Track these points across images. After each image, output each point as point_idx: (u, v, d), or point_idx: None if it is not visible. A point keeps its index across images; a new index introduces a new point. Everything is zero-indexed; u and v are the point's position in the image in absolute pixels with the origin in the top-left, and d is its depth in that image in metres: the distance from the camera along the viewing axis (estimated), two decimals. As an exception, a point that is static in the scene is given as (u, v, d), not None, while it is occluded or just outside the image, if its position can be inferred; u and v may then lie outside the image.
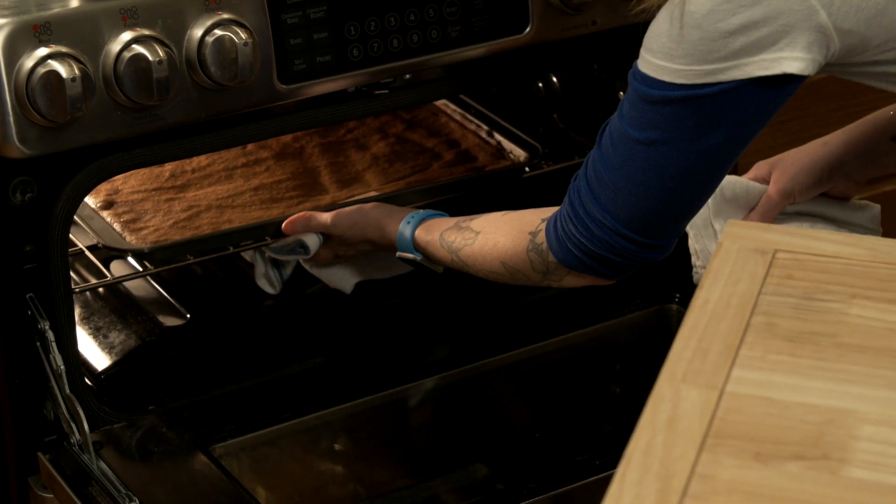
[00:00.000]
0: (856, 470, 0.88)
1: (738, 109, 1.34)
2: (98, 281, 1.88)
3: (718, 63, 1.31)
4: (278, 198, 1.89)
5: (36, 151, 1.50)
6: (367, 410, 1.73)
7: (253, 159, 1.98)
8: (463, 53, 1.71)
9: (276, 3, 1.59)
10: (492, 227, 1.57)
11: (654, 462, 0.88)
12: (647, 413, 0.92)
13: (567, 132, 2.12)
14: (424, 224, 1.65)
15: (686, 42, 1.31)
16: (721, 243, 1.11)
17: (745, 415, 0.92)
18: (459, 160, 1.99)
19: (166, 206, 1.87)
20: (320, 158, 1.99)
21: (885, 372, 0.96)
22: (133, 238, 1.80)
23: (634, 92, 1.38)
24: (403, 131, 2.06)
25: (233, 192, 1.91)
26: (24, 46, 1.47)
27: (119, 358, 1.79)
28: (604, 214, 1.42)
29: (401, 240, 1.66)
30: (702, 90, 1.32)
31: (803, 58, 1.30)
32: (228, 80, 1.55)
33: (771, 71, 1.30)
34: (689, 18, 1.31)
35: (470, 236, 1.58)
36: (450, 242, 1.60)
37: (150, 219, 1.84)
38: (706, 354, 0.98)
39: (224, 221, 1.84)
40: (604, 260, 1.45)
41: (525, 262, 1.52)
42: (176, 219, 1.84)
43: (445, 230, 1.62)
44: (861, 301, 1.04)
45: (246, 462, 1.65)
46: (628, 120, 1.39)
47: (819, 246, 1.10)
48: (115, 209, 1.86)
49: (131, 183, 1.92)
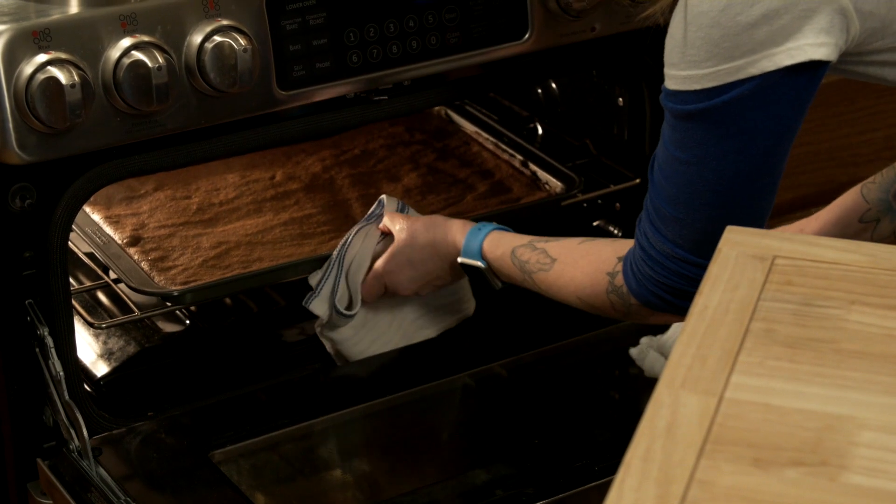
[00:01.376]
0: (854, 476, 0.88)
1: (774, 103, 1.32)
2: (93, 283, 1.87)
3: (745, 57, 1.29)
4: (309, 233, 1.84)
5: (35, 158, 1.50)
6: (365, 417, 1.73)
7: (282, 191, 1.93)
8: (462, 60, 1.71)
9: (276, 10, 1.59)
10: (568, 257, 1.54)
11: (654, 468, 0.88)
12: (646, 419, 0.92)
13: (562, 136, 2.12)
14: (494, 234, 1.62)
15: (708, 43, 1.30)
16: (720, 249, 1.11)
17: (744, 421, 0.92)
18: (494, 191, 1.94)
19: (194, 242, 1.81)
20: (351, 191, 1.94)
21: (884, 378, 0.96)
22: (162, 279, 1.74)
23: (671, 114, 1.36)
24: (435, 161, 2.01)
25: (262, 227, 1.85)
26: (23, 53, 1.47)
27: (118, 364, 1.79)
28: (675, 249, 1.40)
29: (468, 245, 1.63)
30: (735, 91, 1.31)
31: (827, 42, 1.29)
32: (228, 87, 1.55)
33: (798, 59, 1.29)
34: (705, 19, 1.30)
35: (546, 261, 1.55)
36: (523, 261, 1.57)
37: (178, 257, 1.78)
38: (705, 360, 0.98)
39: (254, 259, 1.78)
40: (685, 294, 1.42)
41: (605, 303, 1.50)
42: (205, 256, 1.78)
43: (518, 247, 1.59)
44: (860, 307, 1.04)
45: (245, 468, 1.65)
46: (672, 144, 1.37)
47: (818, 252, 1.10)
48: (143, 246, 1.80)
49: (157, 217, 1.86)
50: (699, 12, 1.30)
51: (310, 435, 1.70)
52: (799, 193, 2.23)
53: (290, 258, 1.77)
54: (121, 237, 1.81)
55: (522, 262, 1.57)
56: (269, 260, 1.77)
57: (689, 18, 1.31)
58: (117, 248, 1.79)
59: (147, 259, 1.77)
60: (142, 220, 1.86)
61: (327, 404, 1.72)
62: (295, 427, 1.69)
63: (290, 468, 1.66)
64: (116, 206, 1.88)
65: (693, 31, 1.31)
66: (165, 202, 1.89)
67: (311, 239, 1.82)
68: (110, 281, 1.84)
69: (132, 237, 1.81)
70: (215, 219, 1.87)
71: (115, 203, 1.89)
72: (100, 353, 1.81)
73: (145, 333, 1.84)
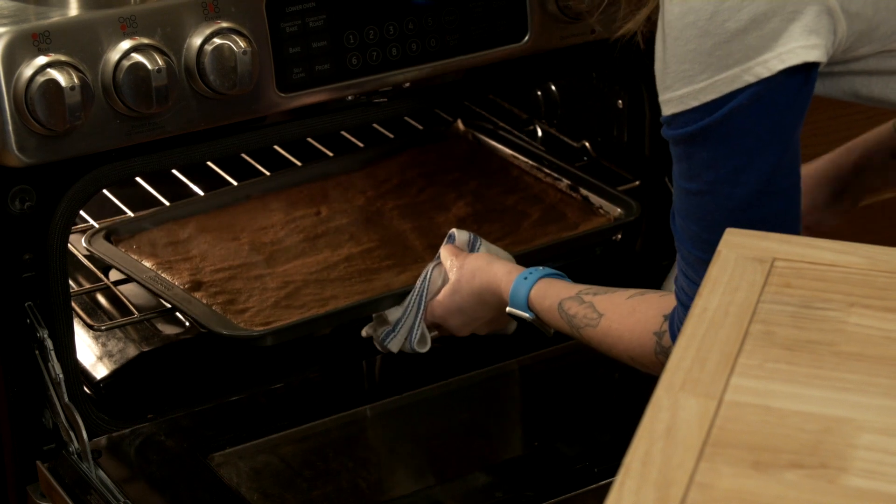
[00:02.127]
0: (854, 478, 0.88)
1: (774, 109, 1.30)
2: (93, 285, 1.87)
3: (740, 65, 1.28)
4: (374, 267, 1.78)
5: (35, 160, 1.50)
6: (365, 419, 1.73)
7: (333, 227, 1.87)
8: (461, 62, 1.71)
9: (276, 12, 1.59)
10: (615, 313, 1.50)
11: (653, 471, 0.88)
12: (645, 422, 0.92)
13: (561, 138, 2.12)
14: (542, 284, 1.57)
15: (701, 54, 1.28)
16: (719, 251, 1.11)
17: (744, 423, 0.92)
18: (548, 218, 1.88)
19: (258, 283, 1.75)
20: (402, 222, 1.88)
21: (883, 380, 0.96)
22: (241, 321, 1.68)
23: (674, 142, 1.33)
24: (478, 188, 1.95)
25: (324, 265, 1.79)
26: (23, 55, 1.47)
27: (118, 366, 1.79)
28: None
29: (515, 295, 1.58)
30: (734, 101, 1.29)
31: (817, 44, 1.28)
32: (227, 89, 1.55)
33: (790, 62, 1.27)
34: (693, 30, 1.28)
35: (593, 317, 1.51)
36: (570, 316, 1.53)
37: (246, 299, 1.72)
38: (704, 363, 0.98)
39: (329, 297, 1.72)
40: None
41: (655, 364, 1.46)
42: (275, 297, 1.72)
43: (565, 299, 1.54)
44: (859, 309, 1.04)
45: (244, 471, 1.65)
46: (682, 178, 1.34)
47: (817, 254, 1.10)
48: (206, 290, 1.74)
49: (211, 260, 1.80)
50: (685, 25, 1.29)
51: (309, 437, 1.70)
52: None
53: (366, 294, 1.72)
54: (181, 282, 1.75)
55: (570, 317, 1.53)
56: (344, 297, 1.72)
57: (675, 35, 1.30)
58: (182, 293, 1.72)
59: (217, 303, 1.71)
60: (195, 264, 1.79)
61: (326, 407, 1.72)
62: (294, 429, 1.69)
63: (289, 471, 1.66)
64: (162, 251, 1.82)
65: (682, 46, 1.29)
66: (214, 245, 1.84)
67: (378, 274, 1.77)
68: (109, 283, 1.84)
69: (192, 282, 1.75)
70: (272, 259, 1.81)
71: (160, 249, 1.83)
72: (99, 356, 1.81)
73: (145, 336, 1.84)
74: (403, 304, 1.68)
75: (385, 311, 1.69)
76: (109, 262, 1.79)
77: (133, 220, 1.90)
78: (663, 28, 1.31)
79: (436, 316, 1.67)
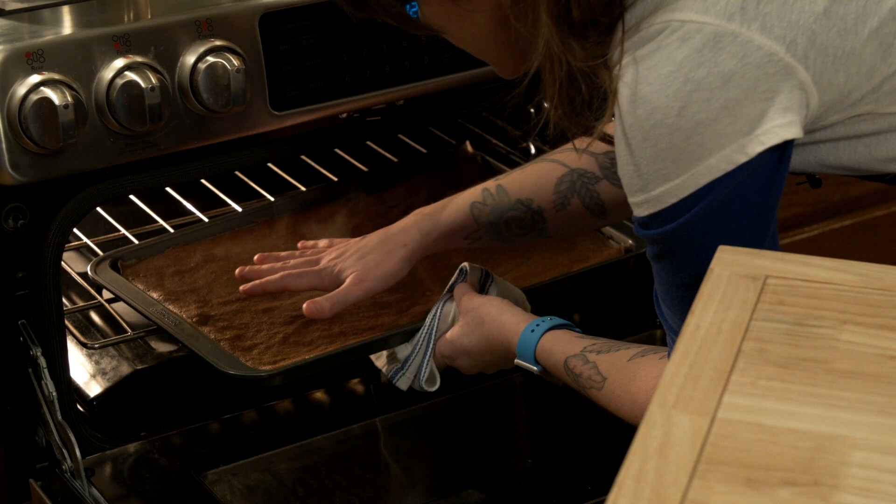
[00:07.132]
0: (847, 496, 0.88)
1: (753, 189, 1.26)
2: (86, 303, 1.87)
3: (716, 153, 1.23)
4: (382, 301, 1.74)
5: (28, 178, 1.51)
6: (358, 436, 1.73)
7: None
8: (455, 78, 1.72)
9: (269, 30, 1.59)
10: (618, 378, 1.47)
11: (646, 488, 0.88)
12: (638, 439, 0.92)
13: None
14: (549, 338, 1.54)
15: (674, 150, 1.24)
16: (712, 269, 1.11)
17: (737, 441, 0.92)
18: (558, 248, 1.85)
19: (266, 317, 1.71)
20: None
21: (877, 398, 0.96)
22: (248, 359, 1.63)
23: (653, 242, 1.29)
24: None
25: None
26: (16, 73, 1.47)
27: (111, 384, 1.79)
28: None
29: (522, 348, 1.55)
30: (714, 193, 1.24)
31: (793, 120, 1.24)
32: (221, 107, 1.56)
33: (770, 143, 1.23)
34: (663, 129, 1.23)
35: (597, 379, 1.48)
36: (576, 375, 1.51)
37: (254, 335, 1.68)
38: (697, 381, 0.98)
39: (336, 334, 1.68)
40: None
41: None
42: (284, 333, 1.68)
43: (571, 357, 1.51)
44: (852, 327, 1.04)
45: (238, 488, 1.64)
46: (666, 272, 1.30)
47: (810, 272, 1.10)
48: (214, 324, 1.70)
49: (218, 292, 1.77)
50: (652, 125, 1.24)
51: (303, 455, 1.70)
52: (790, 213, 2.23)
53: (374, 331, 1.68)
54: (188, 315, 1.72)
55: (575, 376, 1.51)
56: (351, 334, 1.68)
57: (641, 137, 1.24)
58: (191, 329, 1.69)
59: (224, 339, 1.68)
60: (202, 295, 1.76)
61: (320, 425, 1.72)
62: (288, 447, 1.69)
63: (283, 489, 1.65)
64: (169, 280, 1.79)
65: (652, 147, 1.24)
66: (221, 275, 1.80)
67: (386, 309, 1.73)
68: (103, 301, 1.83)
69: (200, 315, 1.72)
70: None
71: (166, 278, 1.80)
72: (93, 373, 1.81)
73: (138, 353, 1.84)
74: (413, 340, 1.65)
75: (395, 348, 1.66)
76: (117, 295, 1.75)
77: (139, 247, 1.85)
78: (624, 132, 1.26)
79: (444, 355, 1.65)
